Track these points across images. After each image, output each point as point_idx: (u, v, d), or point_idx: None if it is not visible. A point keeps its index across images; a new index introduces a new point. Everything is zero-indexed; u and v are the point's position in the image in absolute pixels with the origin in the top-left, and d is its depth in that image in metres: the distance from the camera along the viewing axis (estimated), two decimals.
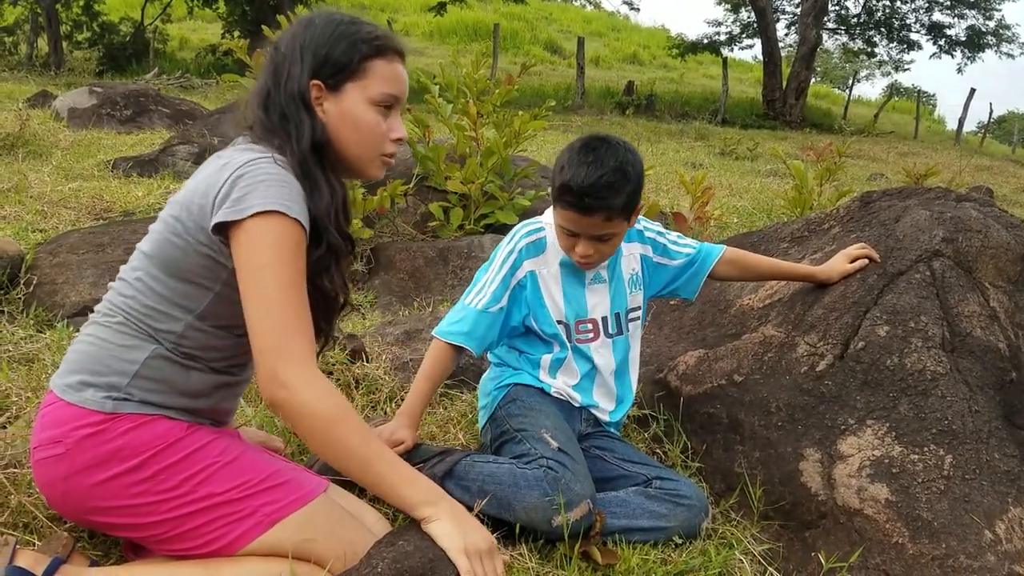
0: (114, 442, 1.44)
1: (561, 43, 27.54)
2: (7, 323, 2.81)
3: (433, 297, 3.40)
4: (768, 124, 18.42)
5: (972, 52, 22.79)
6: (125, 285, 1.55)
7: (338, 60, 1.55)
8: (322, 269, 1.55)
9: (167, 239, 1.52)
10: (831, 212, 2.74)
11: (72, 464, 1.44)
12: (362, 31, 1.57)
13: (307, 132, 1.53)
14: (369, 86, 1.57)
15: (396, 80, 1.61)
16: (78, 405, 1.46)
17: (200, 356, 1.54)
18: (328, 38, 1.55)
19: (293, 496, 1.51)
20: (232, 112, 7.32)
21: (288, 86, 1.55)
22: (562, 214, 1.93)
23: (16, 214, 4.12)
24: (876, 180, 9.39)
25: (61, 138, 6.81)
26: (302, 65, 1.55)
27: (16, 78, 13.29)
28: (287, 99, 1.55)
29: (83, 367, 1.50)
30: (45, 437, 1.46)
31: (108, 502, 1.45)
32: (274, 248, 1.39)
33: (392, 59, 1.60)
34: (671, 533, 1.88)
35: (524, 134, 4.21)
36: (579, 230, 1.92)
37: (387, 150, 1.64)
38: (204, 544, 1.47)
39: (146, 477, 1.45)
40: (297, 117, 1.54)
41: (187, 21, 23.07)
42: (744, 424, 2.13)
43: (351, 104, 1.57)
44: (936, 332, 2.07)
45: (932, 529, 1.75)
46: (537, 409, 2.02)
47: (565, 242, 1.99)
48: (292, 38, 1.58)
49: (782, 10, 23.69)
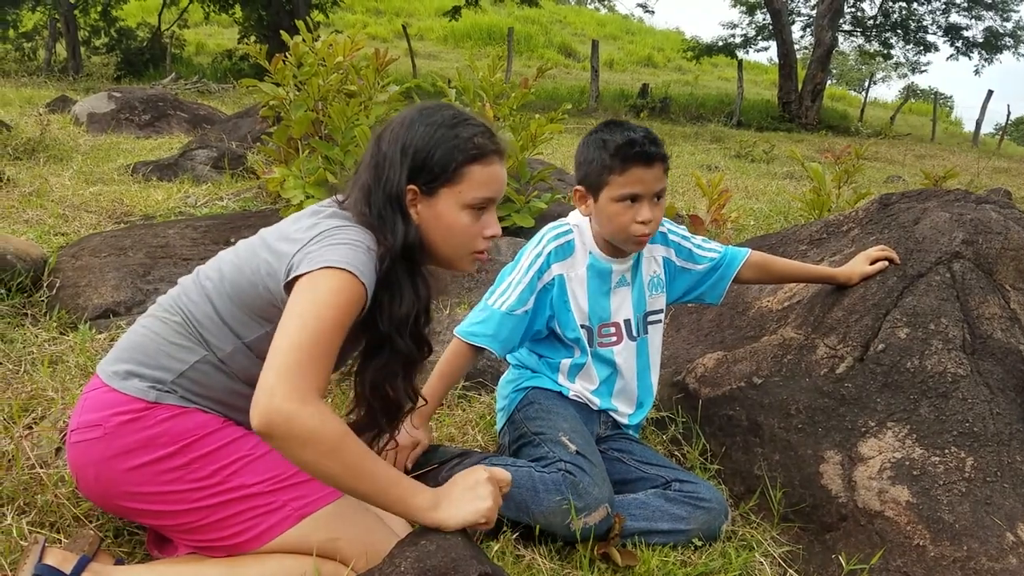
0: (152, 429, 1.48)
1: (575, 46, 27.54)
2: (31, 325, 2.84)
3: (450, 300, 3.41)
4: (784, 126, 18.33)
5: (989, 54, 22.61)
6: (193, 289, 1.58)
7: (435, 167, 1.54)
8: (390, 375, 1.56)
9: (239, 265, 1.54)
10: (850, 214, 2.73)
11: (108, 448, 1.47)
12: (461, 136, 1.56)
13: (400, 236, 1.53)
14: (464, 191, 1.56)
15: (492, 183, 1.59)
16: (122, 392, 1.50)
17: (240, 376, 1.56)
18: (428, 141, 1.55)
19: (322, 492, 1.53)
20: (251, 116, 7.37)
21: (387, 188, 1.55)
22: (626, 176, 1.89)
23: (38, 217, 4.17)
24: (894, 182, 9.34)
25: (81, 143, 6.88)
26: (401, 169, 1.55)
27: (36, 83, 13.42)
28: (384, 201, 1.55)
29: (132, 357, 1.54)
30: (84, 420, 1.50)
31: (140, 488, 1.48)
32: (332, 293, 1.38)
33: (490, 162, 1.58)
34: (691, 535, 1.88)
35: (540, 137, 4.21)
36: (643, 189, 1.90)
37: (479, 247, 1.63)
38: (232, 536, 1.49)
39: (180, 465, 1.48)
40: (393, 220, 1.54)
41: (204, 26, 23.19)
42: (764, 426, 2.13)
43: (444, 209, 1.57)
44: (956, 334, 2.06)
45: (953, 531, 1.74)
46: (555, 412, 2.02)
47: (624, 216, 1.92)
48: (394, 137, 1.57)
49: (797, 12, 23.59)
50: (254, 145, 6.60)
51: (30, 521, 1.68)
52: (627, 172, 1.89)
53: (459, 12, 19.96)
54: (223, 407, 1.58)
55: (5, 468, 1.82)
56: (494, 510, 1.48)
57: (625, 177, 1.90)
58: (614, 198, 1.92)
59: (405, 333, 1.53)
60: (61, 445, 1.92)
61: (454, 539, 1.45)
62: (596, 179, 1.94)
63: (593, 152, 1.94)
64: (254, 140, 6.75)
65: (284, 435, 1.29)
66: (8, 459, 1.86)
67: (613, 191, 1.92)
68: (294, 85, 4.40)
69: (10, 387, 2.29)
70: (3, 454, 1.87)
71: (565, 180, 5.21)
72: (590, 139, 1.97)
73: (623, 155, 1.88)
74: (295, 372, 1.31)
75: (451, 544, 1.44)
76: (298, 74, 4.35)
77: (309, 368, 1.33)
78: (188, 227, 3.63)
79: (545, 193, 4.48)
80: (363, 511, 1.58)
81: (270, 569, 1.49)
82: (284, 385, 1.29)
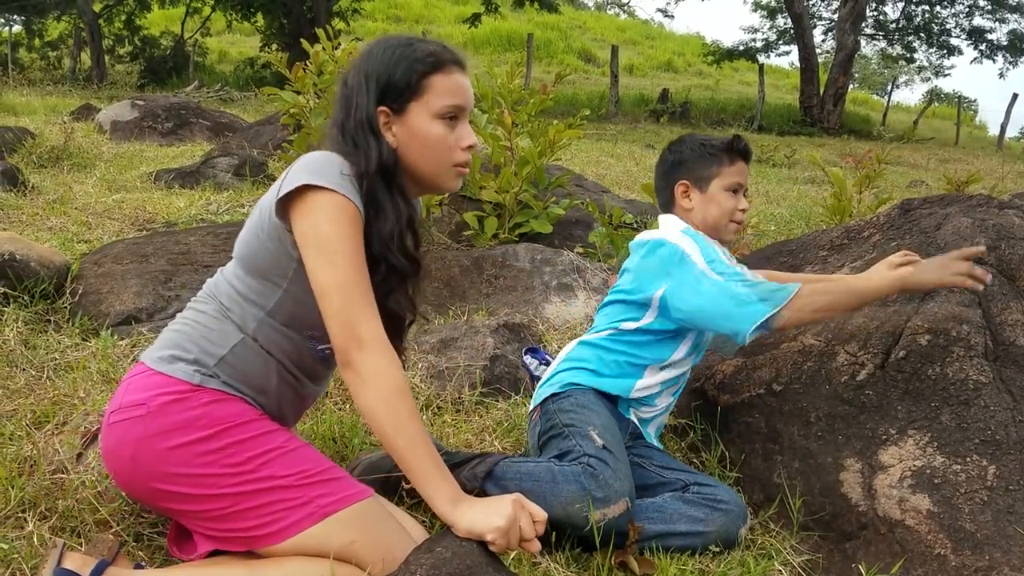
0: (194, 411, 1.53)
1: (595, 52, 27.55)
2: (53, 332, 2.87)
3: (468, 306, 3.41)
4: (805, 131, 18.21)
5: (1014, 57, 22.36)
6: (220, 276, 1.68)
7: (398, 83, 1.61)
8: (388, 290, 1.62)
9: (245, 238, 1.64)
10: (871, 219, 2.71)
11: (149, 427, 1.52)
12: (417, 50, 1.62)
13: (374, 156, 1.60)
14: (431, 101, 1.62)
15: (457, 91, 1.64)
16: (167, 374, 1.56)
17: (274, 354, 1.63)
18: (387, 64, 1.61)
19: (347, 492, 1.55)
20: (272, 124, 7.42)
21: (357, 115, 1.62)
22: (736, 167, 2.14)
23: (62, 225, 4.22)
24: (917, 187, 9.25)
25: (104, 150, 6.96)
26: (368, 94, 1.62)
27: (60, 92, 13.61)
28: (356, 127, 1.62)
29: (175, 343, 1.61)
30: (128, 400, 1.56)
31: (175, 468, 1.51)
32: (332, 224, 1.49)
33: (450, 71, 1.64)
34: (709, 539, 1.87)
35: (559, 143, 4.21)
36: (744, 179, 2.16)
37: (458, 159, 1.67)
38: (256, 527, 1.51)
39: (216, 448, 1.52)
40: (365, 143, 1.61)
41: (226, 35, 23.43)
42: (783, 434, 2.11)
43: (416, 122, 1.63)
44: (979, 341, 2.04)
45: (975, 541, 1.72)
46: (589, 408, 2.02)
47: (729, 204, 2.14)
48: (356, 70, 1.65)
49: (819, 16, 23.47)
50: (275, 152, 6.64)
51: (51, 526, 1.69)
52: (735, 163, 2.14)
53: (479, 19, 20.02)
54: (263, 396, 1.64)
55: (27, 473, 1.84)
56: (506, 532, 1.46)
57: (735, 167, 2.14)
58: (726, 187, 2.14)
59: (394, 249, 1.60)
60: (82, 451, 1.94)
61: (470, 546, 1.45)
62: (706, 171, 2.15)
63: (699, 149, 2.16)
64: (275, 147, 6.80)
65: (360, 382, 1.48)
66: (30, 464, 1.88)
67: (725, 180, 2.14)
68: (314, 93, 4.43)
69: (33, 393, 2.32)
70: (25, 459, 1.90)
71: (584, 186, 5.20)
72: (684, 144, 2.20)
73: (733, 149, 2.14)
74: (353, 320, 1.48)
75: (467, 551, 1.44)
76: (318, 82, 4.39)
77: (364, 305, 1.50)
78: (209, 234, 3.66)
79: (563, 199, 4.48)
80: (385, 516, 1.60)
81: (288, 571, 1.50)
82: (347, 337, 1.48)
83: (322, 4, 17.29)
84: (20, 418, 2.13)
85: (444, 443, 2.20)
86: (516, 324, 2.99)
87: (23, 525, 1.68)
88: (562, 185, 4.57)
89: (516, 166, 4.19)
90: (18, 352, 2.60)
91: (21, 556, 1.57)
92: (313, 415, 2.33)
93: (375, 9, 26.45)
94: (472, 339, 2.81)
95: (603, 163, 9.11)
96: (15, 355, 2.58)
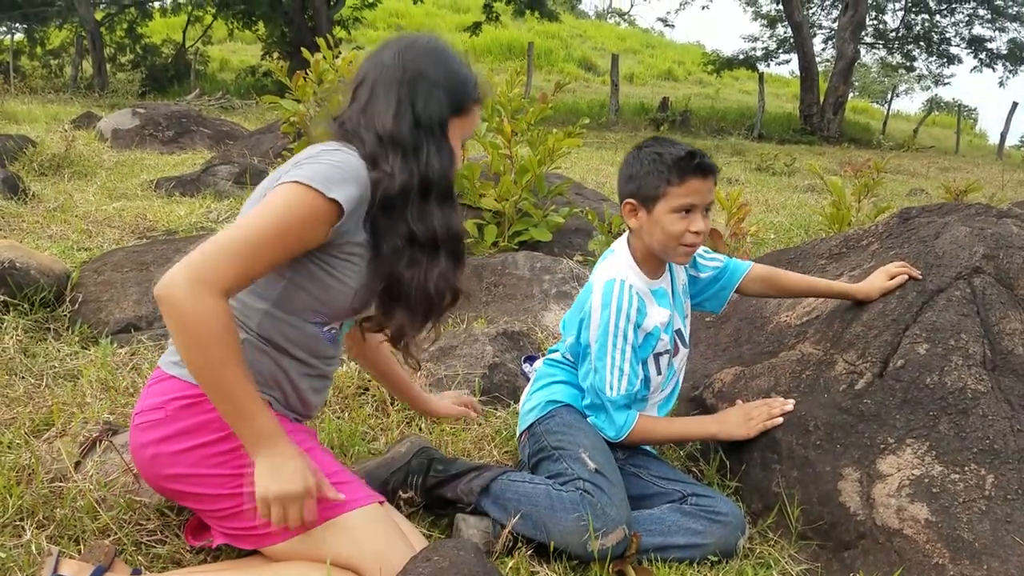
0: (208, 414, 1.54)
1: (595, 60, 27.60)
2: (53, 340, 2.88)
3: (467, 313, 3.41)
4: (805, 139, 18.24)
5: (1014, 65, 22.42)
6: None
7: (464, 99, 1.70)
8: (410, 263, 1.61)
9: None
10: (870, 228, 2.72)
11: (166, 430, 1.56)
12: (473, 78, 1.73)
13: (440, 162, 1.65)
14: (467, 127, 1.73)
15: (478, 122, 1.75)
16: (179, 378, 1.58)
17: (281, 345, 1.63)
18: (457, 76, 1.69)
19: (353, 496, 1.57)
20: (273, 132, 7.44)
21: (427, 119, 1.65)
22: (686, 187, 1.94)
23: (62, 233, 4.22)
24: (916, 195, 9.25)
25: (105, 158, 6.97)
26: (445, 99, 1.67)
27: (61, 100, 13.63)
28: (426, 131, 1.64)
29: None
30: (148, 404, 1.60)
31: (188, 469, 1.55)
32: (282, 207, 1.46)
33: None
34: (707, 551, 1.87)
35: (558, 152, 4.22)
36: (699, 199, 1.96)
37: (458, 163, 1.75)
38: (258, 526, 1.53)
39: (226, 450, 1.55)
40: (433, 146, 1.65)
41: (227, 43, 23.48)
42: (782, 443, 2.11)
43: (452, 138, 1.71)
44: (977, 350, 2.04)
45: (973, 550, 1.72)
46: (576, 427, 2.02)
47: (676, 228, 1.96)
48: (419, 74, 1.66)
49: (819, 25, 23.55)
50: (276, 161, 6.66)
51: (49, 535, 1.69)
52: (685, 183, 1.94)
53: (480, 28, 20.10)
54: (277, 390, 1.66)
55: (25, 482, 1.84)
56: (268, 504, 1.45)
57: (683, 188, 1.94)
58: (672, 209, 1.96)
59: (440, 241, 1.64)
60: (81, 459, 1.94)
61: (467, 556, 1.46)
62: (652, 191, 1.97)
63: (648, 165, 1.98)
64: (276, 156, 6.81)
65: (168, 312, 1.37)
66: (28, 473, 1.88)
67: (671, 202, 1.95)
68: (314, 101, 4.45)
69: (31, 401, 2.32)
70: (23, 468, 1.90)
71: (583, 194, 5.20)
72: (641, 154, 2.01)
73: (682, 167, 1.93)
74: (204, 261, 1.38)
75: (464, 560, 1.45)
76: (318, 91, 4.40)
77: (222, 262, 1.40)
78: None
79: (563, 207, 4.49)
80: (387, 523, 1.61)
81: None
82: (187, 269, 1.37)
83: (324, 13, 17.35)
84: (19, 426, 2.13)
85: (442, 452, 2.20)
86: (515, 332, 3.00)
87: (21, 534, 1.68)
88: (562, 193, 4.58)
89: (516, 174, 4.20)
90: (17, 360, 2.61)
91: (19, 565, 1.57)
92: (312, 423, 2.32)
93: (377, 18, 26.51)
94: (471, 347, 2.81)
95: (603, 171, 9.12)
96: (14, 363, 2.58)
